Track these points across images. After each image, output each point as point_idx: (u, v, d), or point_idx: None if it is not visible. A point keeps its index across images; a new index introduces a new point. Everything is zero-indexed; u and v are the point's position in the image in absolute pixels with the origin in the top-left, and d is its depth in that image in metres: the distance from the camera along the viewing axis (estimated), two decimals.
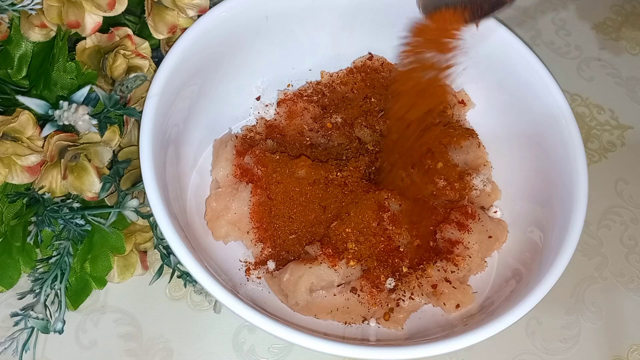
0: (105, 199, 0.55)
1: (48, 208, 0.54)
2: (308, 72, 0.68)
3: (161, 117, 0.54)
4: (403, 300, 0.57)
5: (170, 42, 0.58)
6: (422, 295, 0.57)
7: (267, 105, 0.67)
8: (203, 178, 0.63)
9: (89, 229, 0.56)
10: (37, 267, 0.56)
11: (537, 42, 0.81)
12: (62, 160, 0.52)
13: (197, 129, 0.62)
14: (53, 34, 0.56)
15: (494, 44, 0.62)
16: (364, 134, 0.64)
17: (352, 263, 0.56)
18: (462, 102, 0.67)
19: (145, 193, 0.50)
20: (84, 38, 0.55)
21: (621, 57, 0.81)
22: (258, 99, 0.67)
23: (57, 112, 0.50)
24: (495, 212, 0.64)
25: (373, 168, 0.62)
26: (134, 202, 0.55)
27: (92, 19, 0.54)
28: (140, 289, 0.61)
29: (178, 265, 0.58)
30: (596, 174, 0.72)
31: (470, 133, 0.64)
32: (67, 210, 0.54)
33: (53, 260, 0.55)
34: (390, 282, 0.57)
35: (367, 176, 0.62)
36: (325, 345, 0.47)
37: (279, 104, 0.66)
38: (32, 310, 0.54)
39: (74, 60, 0.56)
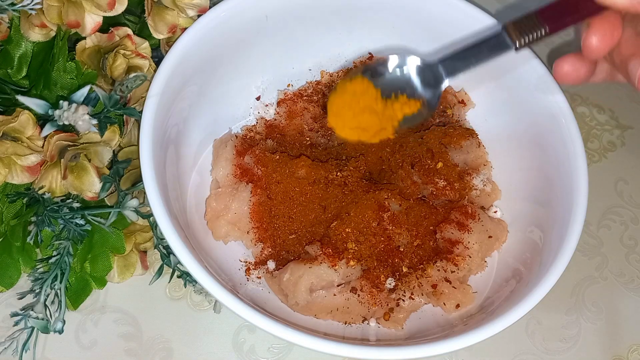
0: (105, 198, 0.55)
1: (48, 208, 0.54)
2: (308, 72, 0.68)
3: (161, 117, 0.54)
4: (403, 300, 0.57)
5: (170, 42, 0.57)
6: (422, 295, 0.57)
7: (267, 105, 0.67)
8: (203, 178, 0.63)
9: (89, 229, 0.56)
10: (37, 267, 0.56)
11: None
12: (62, 160, 0.52)
13: (197, 129, 0.62)
14: (53, 33, 0.56)
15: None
16: None
17: (352, 263, 0.56)
18: (462, 102, 0.67)
19: (145, 193, 0.50)
20: (84, 38, 0.55)
21: None
22: (258, 99, 0.67)
23: (57, 112, 0.50)
24: (495, 212, 0.64)
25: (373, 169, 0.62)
26: (134, 202, 0.55)
27: (92, 19, 0.54)
28: (140, 289, 0.61)
29: (178, 265, 0.58)
30: (596, 174, 0.72)
31: (470, 133, 0.64)
32: (67, 210, 0.54)
33: (53, 260, 0.55)
34: (390, 282, 0.57)
35: (367, 176, 0.62)
36: (325, 345, 0.47)
37: (279, 103, 0.66)
38: (32, 310, 0.54)
39: (74, 60, 0.56)
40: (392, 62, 0.51)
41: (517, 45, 0.46)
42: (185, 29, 0.57)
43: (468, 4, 0.62)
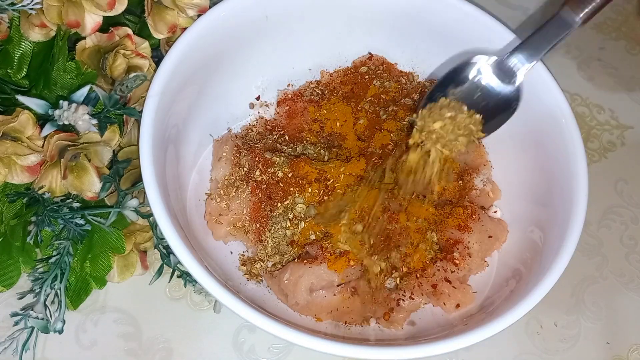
0: (105, 198, 0.55)
1: (48, 208, 0.54)
2: (308, 72, 0.68)
3: (161, 117, 0.54)
4: (403, 300, 0.57)
5: (170, 42, 0.58)
6: (422, 295, 0.57)
7: (267, 105, 0.67)
8: (203, 178, 0.63)
9: (89, 228, 0.56)
10: (37, 267, 0.56)
11: None
12: (62, 160, 0.52)
13: (197, 129, 0.62)
14: (53, 33, 0.56)
15: (494, 45, 0.62)
16: (364, 133, 0.64)
17: (352, 263, 0.56)
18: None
19: (145, 193, 0.50)
20: (84, 38, 0.55)
21: (621, 57, 0.81)
22: (258, 98, 0.67)
23: (57, 112, 0.50)
24: (495, 212, 0.64)
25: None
26: (134, 202, 0.55)
27: (92, 19, 0.54)
28: (140, 289, 0.61)
29: (178, 265, 0.58)
30: (596, 174, 0.72)
31: None
32: (67, 210, 0.54)
33: (53, 260, 0.55)
34: (390, 282, 0.57)
35: (367, 176, 0.62)
36: (325, 345, 0.47)
37: (279, 103, 0.67)
38: (32, 310, 0.54)
39: (74, 60, 0.56)
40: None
41: (580, 18, 0.48)
42: (185, 29, 0.57)
43: (467, 3, 0.62)
